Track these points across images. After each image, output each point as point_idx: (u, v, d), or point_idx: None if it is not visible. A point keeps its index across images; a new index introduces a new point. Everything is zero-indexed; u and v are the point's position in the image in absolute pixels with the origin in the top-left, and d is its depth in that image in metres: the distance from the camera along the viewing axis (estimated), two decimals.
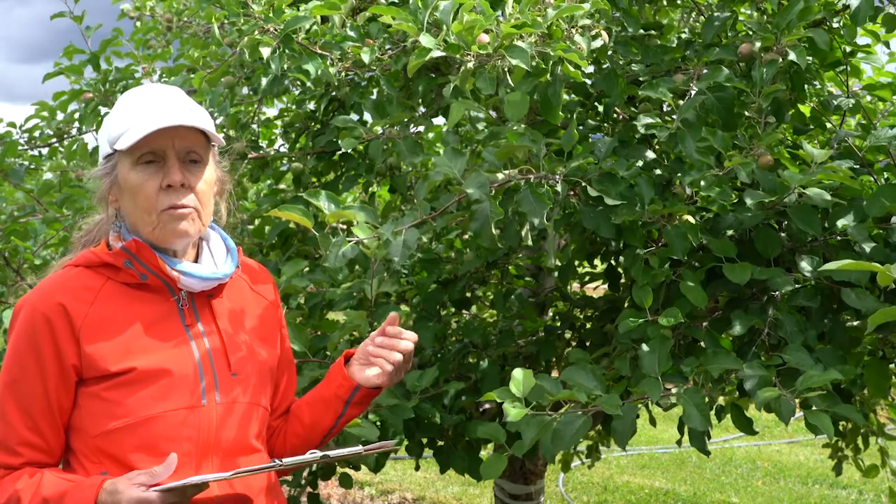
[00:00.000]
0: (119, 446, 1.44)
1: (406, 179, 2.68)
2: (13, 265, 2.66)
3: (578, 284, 3.11)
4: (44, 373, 1.44)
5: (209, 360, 1.51)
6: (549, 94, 2.01)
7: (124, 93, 1.58)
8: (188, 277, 1.51)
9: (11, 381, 1.46)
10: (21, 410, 1.45)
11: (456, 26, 1.90)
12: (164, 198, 1.48)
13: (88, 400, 1.46)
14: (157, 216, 1.48)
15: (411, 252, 1.87)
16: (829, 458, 3.31)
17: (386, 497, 5.54)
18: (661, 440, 6.72)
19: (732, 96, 2.18)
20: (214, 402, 1.49)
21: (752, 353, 2.03)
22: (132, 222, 1.52)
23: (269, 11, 2.29)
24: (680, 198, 2.13)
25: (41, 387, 1.44)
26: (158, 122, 1.45)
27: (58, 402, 1.46)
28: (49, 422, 1.46)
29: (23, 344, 1.46)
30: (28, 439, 1.45)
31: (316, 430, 1.67)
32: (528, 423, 1.83)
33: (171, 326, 1.51)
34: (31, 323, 1.45)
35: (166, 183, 1.47)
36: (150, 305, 1.51)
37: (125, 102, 1.53)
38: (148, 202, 1.48)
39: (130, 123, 1.48)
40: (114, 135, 1.50)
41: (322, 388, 1.68)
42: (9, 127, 3.37)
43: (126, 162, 1.49)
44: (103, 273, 1.51)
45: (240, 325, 1.59)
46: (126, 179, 1.49)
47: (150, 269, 1.50)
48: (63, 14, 3.26)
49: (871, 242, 2.03)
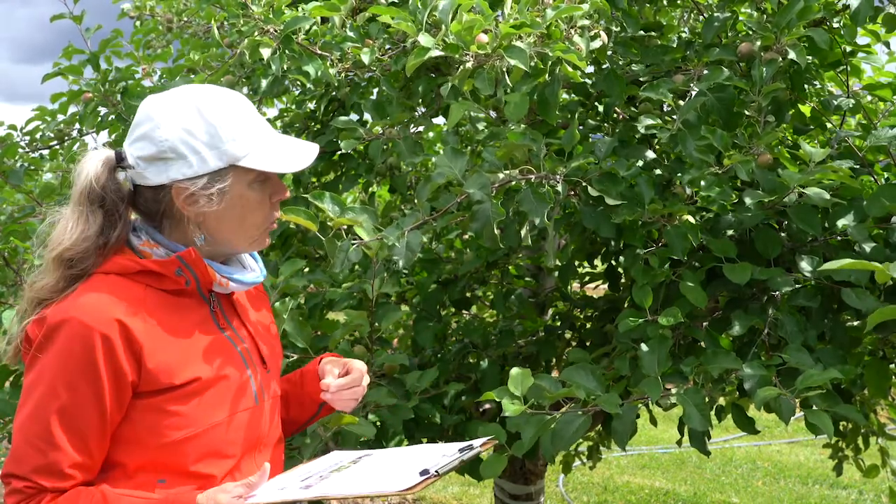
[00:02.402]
0: (181, 456, 1.40)
1: (406, 179, 2.68)
2: (13, 265, 2.66)
3: (578, 284, 3.12)
4: (100, 394, 1.35)
5: (251, 360, 1.52)
6: (547, 94, 2.01)
7: (208, 98, 1.46)
8: (236, 283, 1.51)
9: (60, 405, 1.35)
10: (72, 434, 1.35)
11: (455, 26, 1.90)
12: (272, 212, 1.50)
13: (146, 413, 1.39)
14: (263, 231, 1.50)
15: (415, 255, 1.88)
16: (830, 458, 3.31)
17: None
18: (662, 440, 6.72)
19: (732, 96, 2.18)
20: (264, 400, 1.52)
21: (752, 353, 2.03)
22: (223, 237, 1.47)
23: (268, 12, 2.29)
24: (680, 198, 2.13)
25: (96, 409, 1.35)
26: (306, 151, 1.48)
27: (112, 421, 1.37)
28: (99, 442, 1.37)
29: (72, 364, 1.34)
30: (79, 462, 1.36)
31: (292, 425, 1.72)
32: (527, 421, 1.83)
33: (210, 330, 1.48)
34: (84, 342, 1.34)
35: (278, 198, 1.49)
36: (190, 312, 1.47)
37: (229, 113, 1.44)
38: (263, 218, 1.48)
39: (257, 141, 1.44)
40: (234, 151, 1.42)
41: (297, 386, 1.70)
42: (9, 129, 3.37)
43: (244, 180, 1.44)
44: (140, 281, 1.42)
45: (258, 322, 1.61)
46: (244, 196, 1.44)
47: (196, 277, 1.45)
48: (63, 16, 3.26)
49: (871, 242, 2.04)
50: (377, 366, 2.21)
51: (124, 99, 2.86)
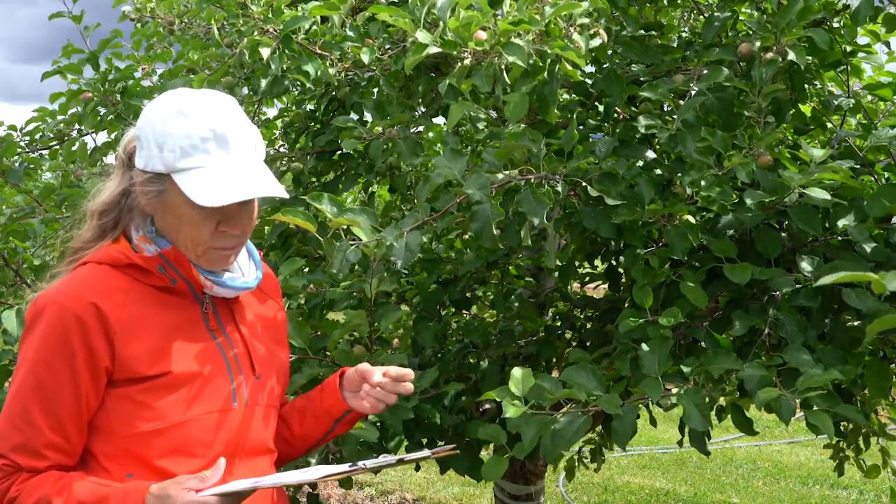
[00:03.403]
0: (148, 449, 1.42)
1: (406, 179, 2.68)
2: (12, 266, 2.65)
3: (578, 284, 3.11)
4: (75, 375, 1.39)
5: (237, 364, 1.52)
6: (546, 93, 2.00)
7: (176, 97, 1.45)
8: (221, 286, 1.51)
9: (38, 385, 1.40)
10: (48, 413, 1.40)
11: (452, 23, 1.89)
12: (217, 239, 1.45)
13: (118, 401, 1.42)
14: (205, 251, 1.46)
15: (414, 255, 1.87)
16: (830, 458, 3.30)
17: (386, 497, 5.54)
18: (662, 440, 6.72)
19: (732, 96, 2.17)
20: (243, 405, 1.50)
21: (753, 353, 2.03)
22: (174, 240, 1.47)
23: (268, 12, 2.29)
24: (680, 198, 2.13)
25: (71, 389, 1.40)
26: (242, 192, 1.38)
27: (87, 403, 1.41)
28: (76, 424, 1.41)
29: (51, 346, 1.39)
30: (54, 442, 1.40)
31: (305, 441, 1.69)
32: (528, 421, 1.83)
33: (198, 330, 1.50)
34: (62, 324, 1.39)
35: (223, 229, 1.45)
36: (177, 310, 1.49)
37: (188, 122, 1.41)
38: (199, 238, 1.44)
39: (201, 162, 1.39)
40: (172, 161, 1.40)
41: (314, 400, 1.68)
42: (9, 130, 3.36)
43: (182, 193, 1.41)
44: (129, 274, 1.46)
45: (258, 329, 1.60)
46: (179, 209, 1.43)
47: (183, 276, 1.48)
48: (61, 14, 3.25)
49: (871, 243, 2.03)
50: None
51: (124, 99, 2.86)
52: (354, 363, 2.17)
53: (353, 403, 1.63)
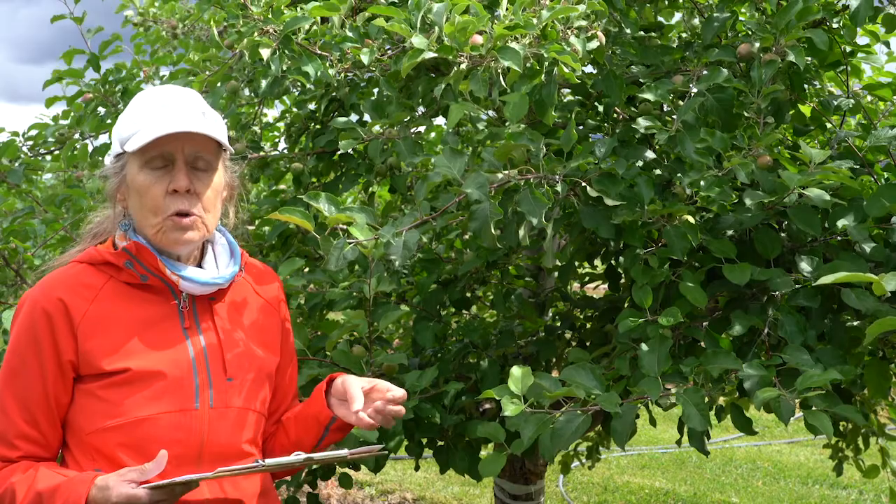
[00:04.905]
0: (110, 445, 1.45)
1: (406, 179, 2.68)
2: (13, 265, 2.66)
3: (578, 284, 3.11)
4: (42, 367, 1.45)
5: (205, 364, 1.51)
6: (544, 95, 2.00)
7: (137, 94, 1.59)
8: (188, 282, 1.51)
9: (11, 374, 1.47)
10: (19, 403, 1.46)
11: (448, 27, 1.89)
12: (170, 202, 1.49)
13: (84, 397, 1.47)
14: (163, 220, 1.49)
15: (412, 254, 1.87)
16: (830, 458, 3.30)
17: (386, 497, 5.54)
18: (661, 440, 6.72)
19: (732, 97, 2.18)
20: (207, 407, 1.49)
21: (752, 353, 2.03)
22: (138, 222, 1.53)
23: (268, 13, 2.29)
24: (680, 198, 2.13)
25: (39, 381, 1.45)
26: (169, 127, 1.46)
27: (55, 396, 1.46)
28: (46, 416, 1.47)
29: (23, 338, 1.47)
30: (25, 432, 1.46)
31: (299, 447, 1.64)
32: (527, 420, 1.83)
33: (170, 328, 1.50)
34: (32, 317, 1.47)
35: (172, 188, 1.48)
36: (151, 307, 1.51)
37: (138, 103, 1.54)
38: (154, 204, 1.49)
39: (142, 125, 1.48)
40: (124, 135, 1.51)
41: (306, 407, 1.67)
42: (12, 136, 3.36)
43: (135, 163, 1.50)
44: (105, 271, 1.51)
45: (240, 329, 1.58)
46: (134, 180, 1.50)
47: (151, 272, 1.50)
48: (63, 16, 3.26)
49: (871, 243, 2.03)
50: (376, 365, 2.21)
51: (124, 99, 2.86)
52: (354, 363, 2.18)
53: (340, 412, 1.60)
